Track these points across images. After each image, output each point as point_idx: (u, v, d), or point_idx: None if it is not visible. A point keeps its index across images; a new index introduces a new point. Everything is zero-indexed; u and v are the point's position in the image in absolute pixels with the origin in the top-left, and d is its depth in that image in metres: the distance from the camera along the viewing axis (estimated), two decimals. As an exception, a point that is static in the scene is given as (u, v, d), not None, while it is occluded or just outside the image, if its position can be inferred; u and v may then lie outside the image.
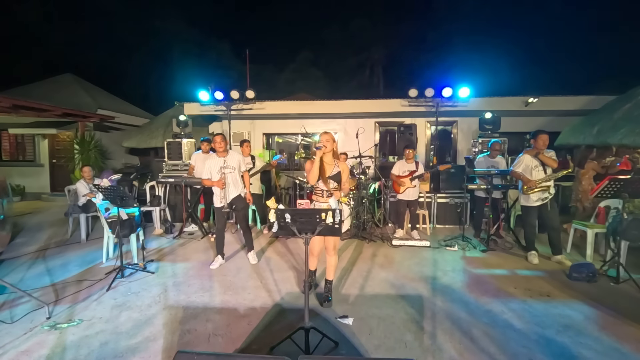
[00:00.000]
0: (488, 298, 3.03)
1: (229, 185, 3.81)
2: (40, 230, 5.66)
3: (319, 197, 2.85)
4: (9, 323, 2.60)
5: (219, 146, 3.75)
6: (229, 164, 3.80)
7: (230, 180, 3.81)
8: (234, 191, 3.84)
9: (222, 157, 3.81)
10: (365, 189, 5.32)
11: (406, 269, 3.78)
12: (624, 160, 4.82)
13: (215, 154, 3.85)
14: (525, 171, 4.00)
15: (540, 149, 3.93)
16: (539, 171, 3.95)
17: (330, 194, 2.82)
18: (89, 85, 11.47)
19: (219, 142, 3.74)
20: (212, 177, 3.80)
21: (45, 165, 9.71)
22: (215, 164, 3.79)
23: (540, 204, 3.96)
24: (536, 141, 3.93)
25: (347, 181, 2.86)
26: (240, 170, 3.91)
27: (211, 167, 3.80)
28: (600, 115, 5.71)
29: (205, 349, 2.26)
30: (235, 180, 3.85)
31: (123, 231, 3.68)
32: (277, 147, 9.36)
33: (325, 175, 2.78)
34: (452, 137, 8.05)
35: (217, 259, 3.89)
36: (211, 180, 3.79)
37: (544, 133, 3.93)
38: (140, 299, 3.02)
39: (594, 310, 2.80)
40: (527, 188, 3.93)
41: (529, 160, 4.00)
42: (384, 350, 2.25)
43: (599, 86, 7.18)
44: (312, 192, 2.91)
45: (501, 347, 2.27)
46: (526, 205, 4.06)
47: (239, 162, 3.89)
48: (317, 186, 2.84)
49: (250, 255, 4.01)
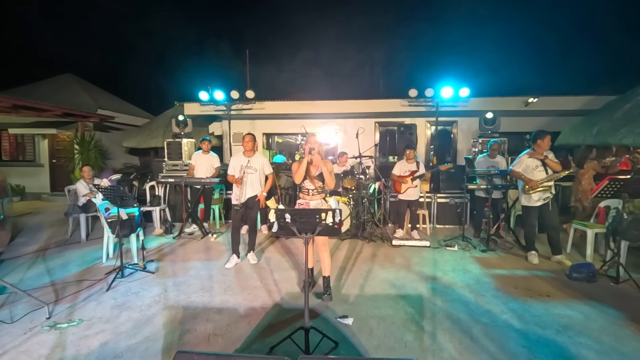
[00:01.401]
0: (488, 298, 3.03)
1: (247, 185, 3.86)
2: (40, 230, 5.66)
3: (305, 195, 3.03)
4: (9, 323, 2.60)
5: (246, 145, 3.86)
6: (252, 165, 3.88)
7: (249, 180, 3.86)
8: (251, 192, 3.88)
9: (248, 156, 3.90)
10: (365, 189, 5.33)
11: (406, 269, 3.79)
12: (624, 160, 4.82)
13: (242, 152, 3.93)
14: (526, 171, 3.97)
15: (544, 149, 3.91)
16: (540, 171, 3.93)
17: (316, 191, 3.00)
18: (89, 85, 11.46)
19: (247, 142, 3.85)
20: (235, 174, 3.90)
21: (45, 165, 9.71)
22: (239, 162, 3.90)
23: (541, 204, 3.95)
24: (543, 142, 3.88)
25: (329, 176, 2.90)
26: (263, 172, 3.97)
27: (235, 165, 3.91)
28: (600, 115, 5.71)
29: (205, 349, 2.26)
30: (254, 182, 3.90)
31: (123, 231, 3.68)
32: (277, 147, 9.37)
33: (311, 174, 2.96)
34: (452, 137, 8.05)
35: (233, 258, 3.92)
36: (233, 177, 3.89)
37: (548, 134, 3.91)
38: (140, 299, 3.02)
39: (594, 310, 2.79)
40: (529, 188, 3.91)
41: (530, 161, 3.97)
42: (384, 350, 2.25)
43: (599, 86, 7.16)
44: (299, 191, 3.08)
45: (501, 347, 2.27)
46: (527, 205, 4.04)
47: (262, 164, 3.96)
48: (304, 185, 3.01)
49: (250, 255, 4.03)
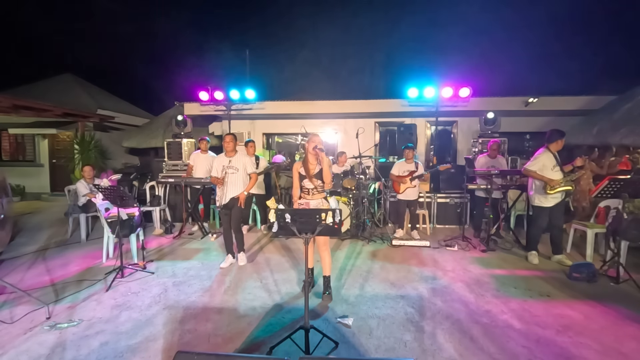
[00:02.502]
0: (488, 298, 3.03)
1: (228, 185, 3.82)
2: (40, 230, 5.66)
3: (305, 194, 3.05)
4: (9, 323, 2.60)
5: (227, 146, 3.85)
6: (233, 165, 3.85)
7: (231, 180, 3.83)
8: (233, 192, 3.84)
9: (229, 157, 3.88)
10: (365, 189, 5.32)
11: (406, 269, 3.78)
12: (624, 160, 4.81)
13: (224, 153, 3.92)
14: (543, 171, 3.83)
15: (559, 149, 3.88)
16: (557, 171, 3.83)
17: (316, 191, 3.01)
18: (89, 85, 11.46)
19: (228, 142, 3.84)
20: (218, 175, 3.90)
21: (45, 165, 9.71)
22: (220, 162, 3.90)
23: (553, 205, 3.86)
24: (560, 143, 3.86)
25: (327, 175, 2.91)
26: (245, 171, 3.93)
27: (217, 165, 3.91)
28: (600, 115, 5.72)
29: (205, 349, 2.26)
30: (236, 181, 3.85)
31: (123, 231, 3.68)
32: (277, 147, 9.37)
33: (310, 174, 2.97)
34: (452, 137, 8.05)
35: (228, 258, 3.91)
36: (216, 178, 3.90)
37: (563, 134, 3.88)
38: (140, 299, 3.02)
39: (594, 310, 2.79)
40: (550, 188, 3.77)
41: (548, 160, 3.84)
42: (384, 351, 2.25)
43: (599, 86, 7.16)
44: (301, 191, 3.10)
45: (501, 347, 2.27)
46: (540, 206, 3.91)
47: (244, 163, 3.91)
48: (303, 185, 3.06)
49: (240, 256, 3.95)
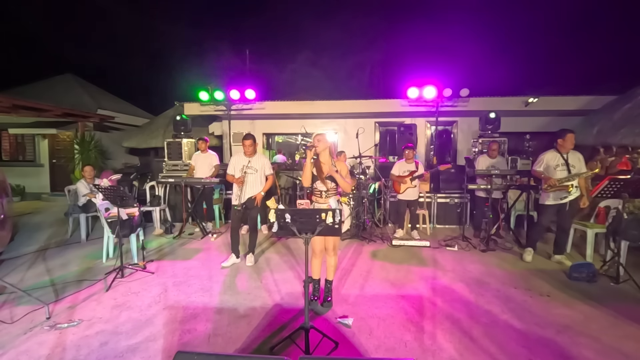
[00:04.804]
0: (488, 298, 3.03)
1: (247, 185, 3.88)
2: (40, 230, 5.66)
3: (317, 197, 2.80)
4: (9, 323, 2.60)
5: (247, 150, 3.90)
6: (253, 165, 3.90)
7: (249, 180, 3.89)
8: (251, 192, 3.90)
9: (249, 157, 3.92)
10: (365, 189, 5.32)
11: (406, 269, 3.78)
12: (624, 160, 4.81)
13: (243, 152, 3.96)
14: (547, 170, 3.91)
15: (568, 148, 3.86)
16: (561, 170, 3.85)
17: (329, 194, 2.78)
18: (89, 85, 11.47)
19: (248, 147, 3.87)
20: (235, 174, 3.92)
21: (45, 165, 9.71)
22: (240, 162, 3.92)
23: (558, 204, 3.87)
24: (565, 141, 3.83)
25: (344, 179, 2.74)
26: (263, 173, 3.98)
27: (235, 164, 3.94)
28: (600, 115, 5.72)
29: (205, 349, 2.26)
30: (255, 182, 3.92)
31: (123, 231, 3.68)
32: (277, 147, 9.37)
33: (322, 176, 2.73)
34: (452, 137, 8.05)
35: (231, 257, 3.94)
36: (233, 177, 3.92)
37: (570, 132, 3.84)
38: (140, 299, 3.02)
39: (594, 310, 2.80)
40: (548, 186, 3.85)
41: (551, 160, 3.90)
42: (384, 351, 2.24)
43: (599, 86, 7.16)
44: (312, 193, 2.86)
45: (501, 347, 2.27)
46: (542, 204, 4.00)
47: (262, 165, 3.97)
48: (316, 187, 2.79)
49: (249, 257, 3.99)
